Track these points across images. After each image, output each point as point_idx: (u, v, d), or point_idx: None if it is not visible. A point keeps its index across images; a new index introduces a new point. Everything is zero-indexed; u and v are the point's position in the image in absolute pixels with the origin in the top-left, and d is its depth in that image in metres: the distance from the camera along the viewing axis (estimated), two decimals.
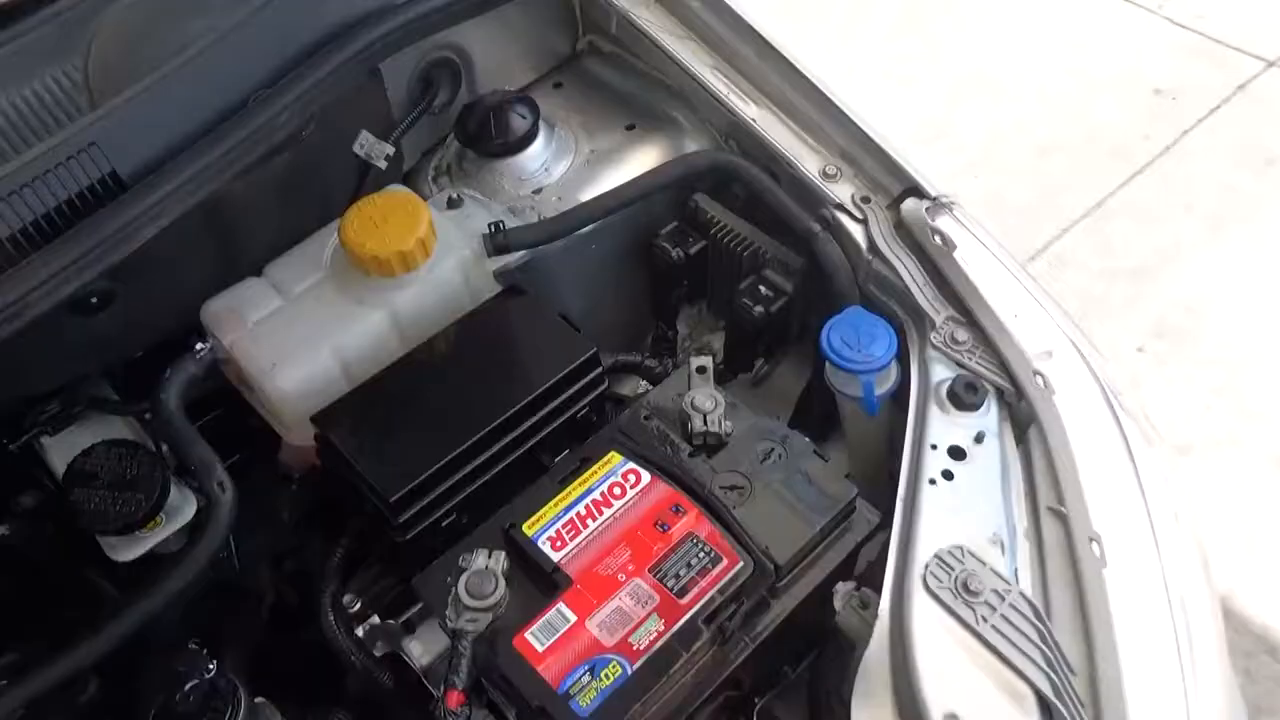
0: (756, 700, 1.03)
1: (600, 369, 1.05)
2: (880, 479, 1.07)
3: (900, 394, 1.03)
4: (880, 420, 1.05)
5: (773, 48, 1.13)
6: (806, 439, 0.98)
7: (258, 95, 0.97)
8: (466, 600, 0.87)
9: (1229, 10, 3.18)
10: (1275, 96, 2.96)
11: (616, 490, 0.95)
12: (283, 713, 0.99)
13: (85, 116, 0.90)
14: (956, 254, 1.02)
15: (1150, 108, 2.99)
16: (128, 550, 1.01)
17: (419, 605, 1.06)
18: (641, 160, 1.22)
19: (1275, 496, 2.20)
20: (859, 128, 1.09)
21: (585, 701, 0.82)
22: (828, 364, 1.02)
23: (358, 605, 1.03)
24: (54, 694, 0.89)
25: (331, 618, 0.99)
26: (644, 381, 1.20)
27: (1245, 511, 2.16)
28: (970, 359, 0.99)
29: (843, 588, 0.93)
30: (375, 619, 1.03)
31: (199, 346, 1.00)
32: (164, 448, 1.03)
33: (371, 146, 1.12)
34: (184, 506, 1.04)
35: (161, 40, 0.95)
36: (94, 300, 0.96)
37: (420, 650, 1.03)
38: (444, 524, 0.98)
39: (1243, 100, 2.97)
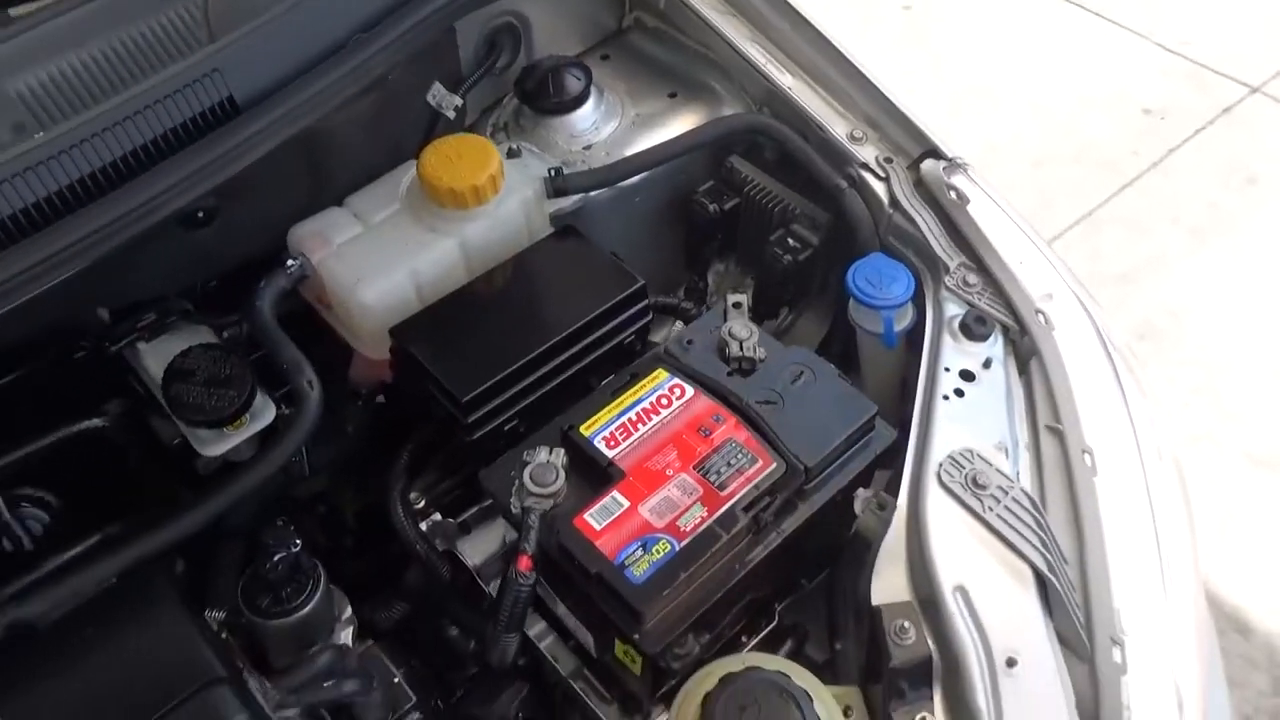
0: (777, 605, 1.14)
1: (646, 302, 1.16)
2: (893, 410, 1.18)
3: (914, 334, 1.15)
4: (896, 355, 1.17)
5: (806, 21, 1.26)
6: (831, 365, 1.10)
7: (356, 37, 1.09)
8: (530, 488, 0.98)
9: (1215, 37, 3.37)
10: (1257, 119, 3.14)
11: (663, 401, 1.06)
12: None
13: (210, 46, 1.01)
14: (969, 208, 1.15)
15: (1139, 126, 3.15)
16: (214, 445, 1.11)
17: (475, 509, 1.18)
18: (682, 124, 1.34)
19: (1247, 489, 2.34)
20: (884, 95, 1.22)
21: (638, 571, 0.93)
22: (851, 302, 1.15)
23: (421, 503, 1.14)
24: (143, 566, 0.99)
25: (400, 511, 1.10)
26: (679, 323, 1.32)
27: (1219, 503, 2.29)
28: (980, 299, 1.11)
29: (863, 493, 1.05)
30: (436, 516, 1.15)
31: (290, 263, 1.11)
32: None
33: (442, 97, 1.24)
34: (264, 412, 1.14)
35: None
36: (200, 215, 1.07)
37: (472, 550, 1.15)
38: (505, 428, 1.09)
39: (1227, 122, 3.14)
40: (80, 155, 0.95)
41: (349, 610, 1.12)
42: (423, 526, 1.12)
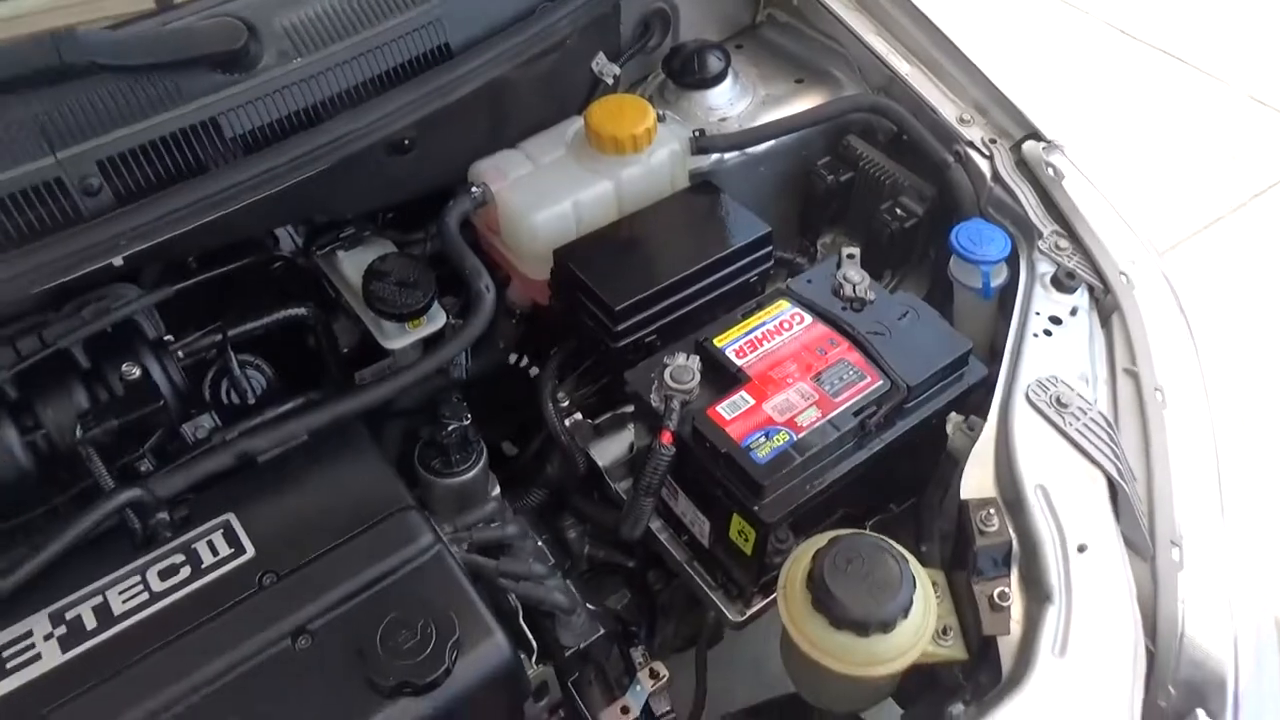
0: (867, 524, 1.29)
1: (770, 248, 1.34)
2: (983, 358, 1.33)
3: (1006, 294, 1.30)
4: (990, 310, 1.32)
5: (925, 17, 1.43)
6: (933, 310, 1.26)
7: (543, 5, 1.29)
8: (670, 384, 1.16)
9: None
10: None
11: (784, 325, 1.23)
12: None
13: (428, 10, 1.22)
14: (1064, 183, 1.30)
15: (1223, 169, 3.25)
16: (395, 339, 1.31)
17: (608, 415, 1.36)
18: (806, 105, 1.52)
19: None
20: (991, 83, 1.38)
21: (761, 454, 1.09)
22: (953, 259, 1.30)
23: (566, 402, 1.32)
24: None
25: (551, 406, 1.28)
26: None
27: None
28: (1069, 261, 1.26)
29: (954, 417, 1.20)
30: (578, 416, 1.32)
31: (474, 189, 1.31)
32: None
33: (604, 66, 1.44)
34: (437, 317, 1.34)
35: None
36: (405, 144, 1.27)
37: (601, 452, 1.33)
38: (646, 340, 1.26)
39: None
40: (325, 81, 1.17)
41: (498, 489, 1.30)
42: (567, 422, 1.30)
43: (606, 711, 1.18)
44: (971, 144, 1.37)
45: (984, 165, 1.36)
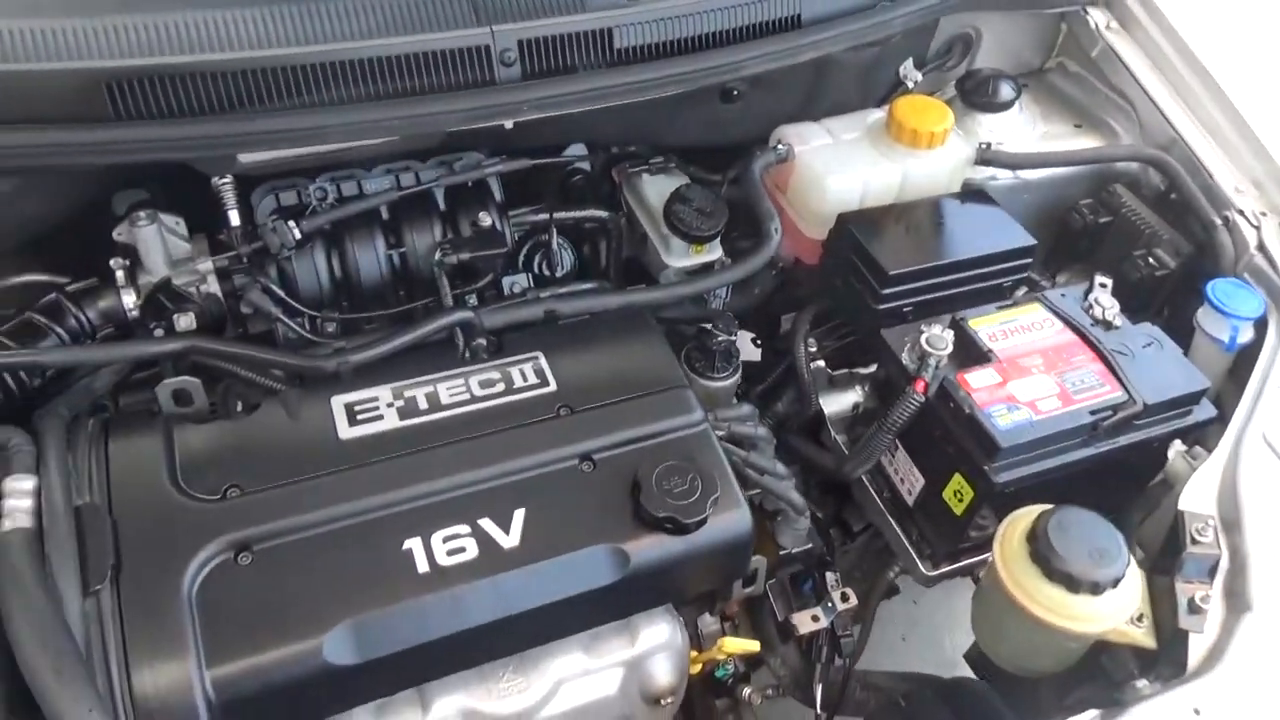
0: None
1: (1031, 259, 1.45)
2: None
3: (1245, 353, 1.38)
4: (1226, 363, 1.40)
5: (1217, 85, 1.53)
6: (1177, 346, 1.35)
7: (883, 4, 1.46)
8: (925, 348, 1.29)
9: None
10: None
11: (1035, 325, 1.35)
12: None
13: None
14: None
15: None
16: (679, 259, 1.49)
17: (844, 371, 1.50)
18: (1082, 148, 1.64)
19: None
20: (1272, 160, 1.47)
21: (1001, 422, 1.22)
22: (1204, 308, 1.39)
23: (814, 349, 1.47)
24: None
25: (801, 347, 1.43)
26: None
27: None
28: None
29: (1178, 444, 1.29)
30: (820, 363, 1.47)
31: (780, 146, 1.48)
32: None
33: (909, 71, 1.60)
34: (715, 249, 1.51)
35: None
36: (735, 93, 1.45)
37: (829, 402, 1.47)
38: (903, 310, 1.40)
39: None
40: (695, 21, 1.35)
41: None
42: (810, 366, 1.45)
43: (798, 615, 1.31)
44: (1241, 212, 1.46)
45: (1250, 234, 1.45)
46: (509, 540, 1.08)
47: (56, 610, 0.91)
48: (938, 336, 1.30)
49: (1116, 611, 1.09)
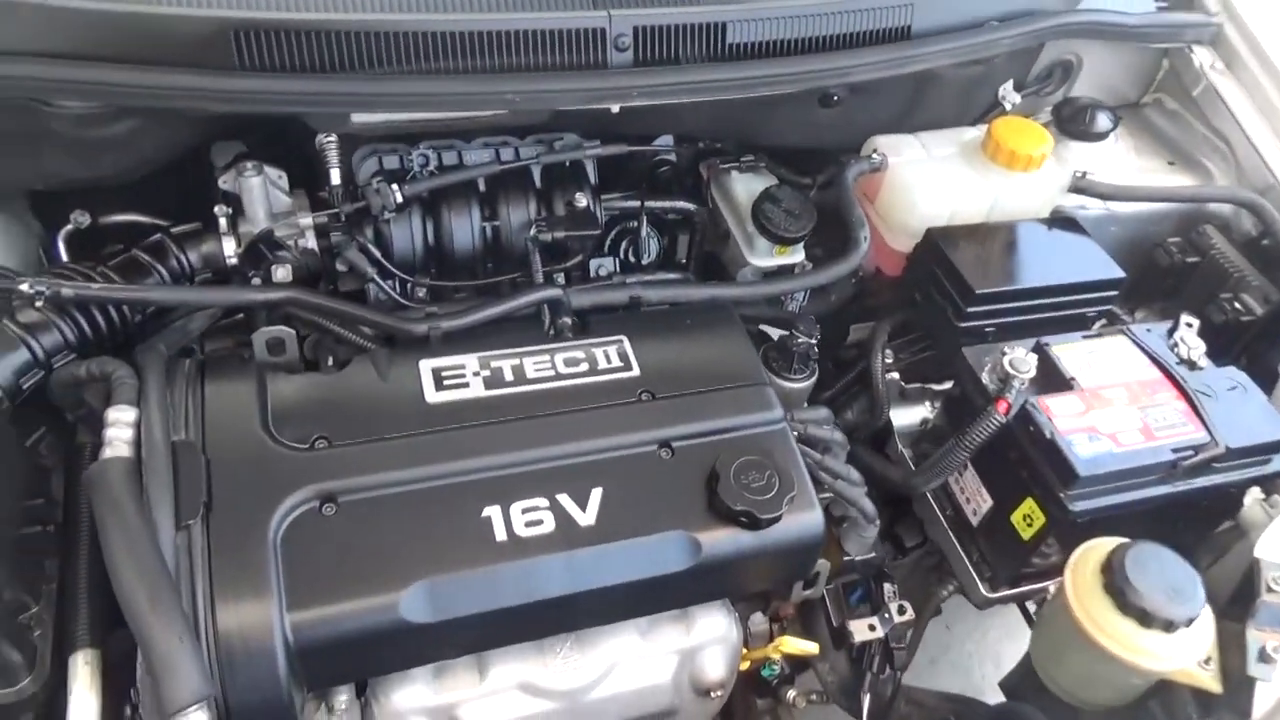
0: None
1: (1117, 292, 1.44)
2: None
3: None
4: None
5: None
6: (1260, 390, 1.33)
7: (991, 23, 1.45)
8: (1007, 369, 1.28)
9: None
10: None
11: (1118, 357, 1.34)
12: None
13: None
14: None
15: None
16: (761, 258, 1.49)
17: (916, 385, 1.50)
18: (1174, 186, 1.62)
19: None
20: None
21: (1080, 452, 1.21)
22: None
23: (890, 360, 1.46)
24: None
25: (878, 356, 1.43)
26: None
27: None
28: None
29: (1255, 491, 1.28)
30: (895, 375, 1.47)
31: (875, 155, 1.48)
32: None
33: (1008, 93, 1.59)
34: (798, 252, 1.52)
35: None
36: (835, 98, 1.46)
37: (898, 416, 1.47)
38: (984, 330, 1.39)
39: None
40: (806, 23, 1.35)
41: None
42: (885, 377, 1.45)
43: (855, 622, 1.31)
44: None
45: None
46: (585, 518, 1.09)
47: (153, 538, 0.93)
48: (1022, 359, 1.29)
49: (1187, 652, 1.08)
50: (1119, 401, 1.28)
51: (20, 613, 0.95)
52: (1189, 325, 1.41)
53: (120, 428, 1.01)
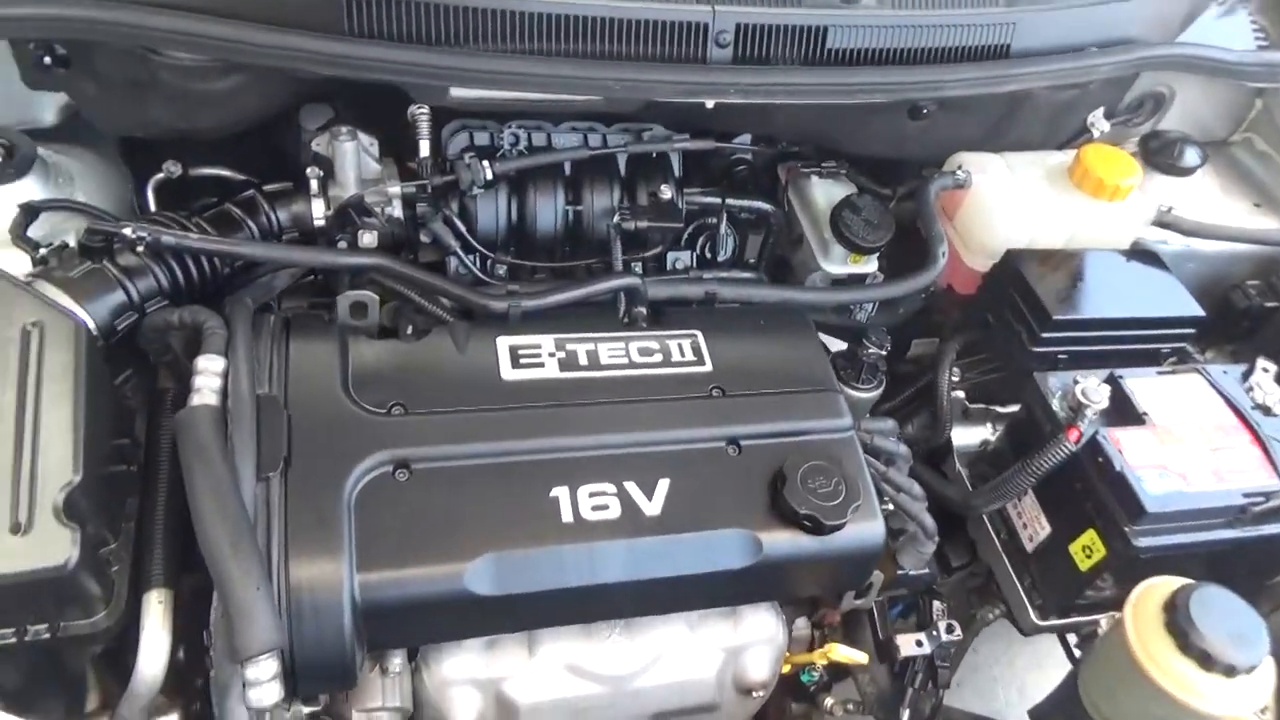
0: None
1: (1194, 330, 1.43)
2: None
3: None
4: None
5: None
6: None
7: (1091, 49, 1.44)
8: (1079, 398, 1.27)
9: None
10: None
11: (1191, 394, 1.33)
12: None
13: (1007, 7, 1.39)
14: None
15: None
16: (835, 266, 1.49)
17: (980, 405, 1.49)
18: (1259, 228, 1.60)
19: None
20: None
21: (1149, 488, 1.20)
22: None
23: (957, 378, 1.46)
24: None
25: (945, 375, 1.43)
26: None
27: None
28: None
29: None
30: (960, 394, 1.46)
31: (959, 172, 1.47)
32: None
33: (1097, 120, 1.57)
34: (872, 263, 1.51)
35: None
36: (924, 111, 1.45)
37: (959, 435, 1.46)
38: (1056, 356, 1.38)
39: None
40: (904, 34, 1.34)
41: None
42: (949, 395, 1.44)
43: (902, 637, 1.31)
44: None
45: None
46: (651, 507, 1.10)
47: (238, 487, 0.95)
48: (1095, 389, 1.28)
49: (1245, 699, 1.07)
50: (1191, 441, 1.27)
51: (101, 547, 0.97)
52: (1265, 370, 1.39)
53: (209, 376, 1.03)
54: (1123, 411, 1.29)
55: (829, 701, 1.42)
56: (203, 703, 1.16)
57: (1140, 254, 1.50)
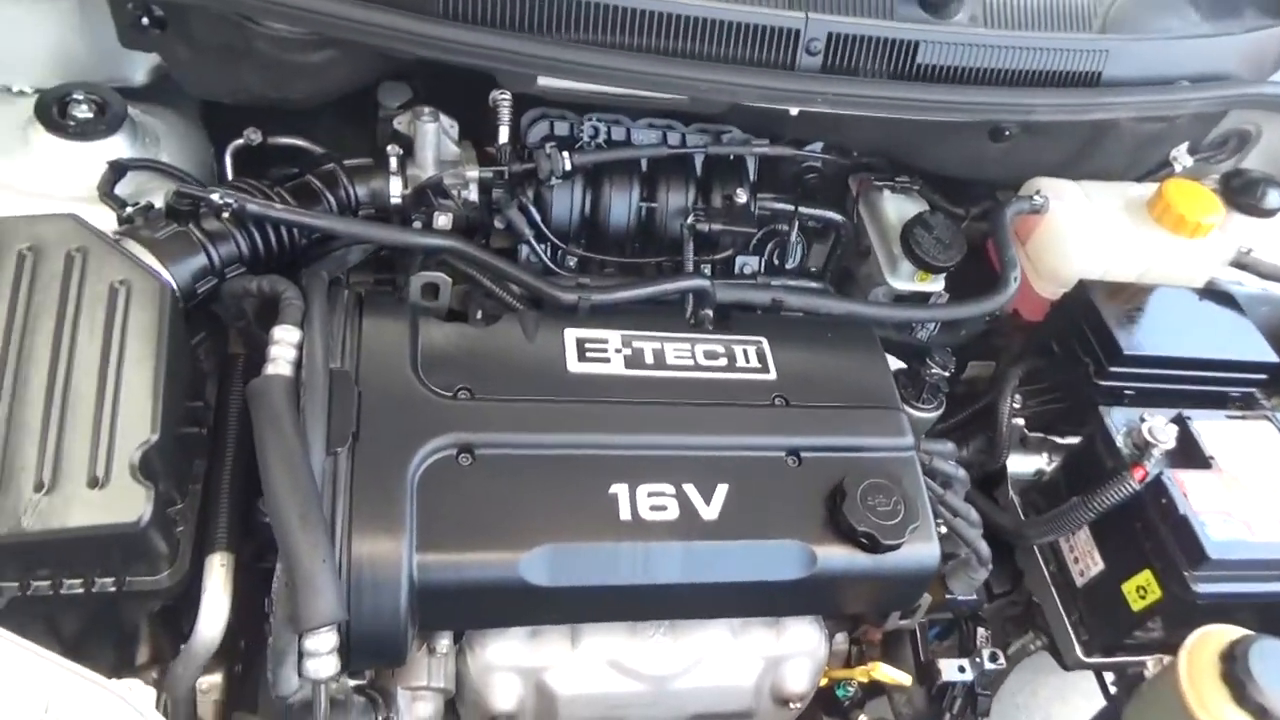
0: None
1: (1267, 376, 1.40)
2: None
3: None
4: None
5: None
6: None
7: (1183, 83, 1.41)
8: (1145, 437, 1.26)
9: None
10: None
11: (1264, 444, 1.30)
12: None
13: (1099, 35, 1.37)
14: None
15: None
16: (901, 281, 1.47)
17: (1036, 435, 1.47)
18: None
19: None
20: None
21: (1212, 534, 1.18)
22: None
23: (1019, 405, 1.44)
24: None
25: (1007, 401, 1.41)
26: None
27: None
28: None
29: None
30: (1020, 421, 1.44)
31: (1037, 198, 1.45)
32: None
33: (1181, 154, 1.54)
34: (939, 281, 1.49)
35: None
36: (1006, 133, 1.43)
37: (1015, 464, 1.44)
38: (1123, 392, 1.36)
39: None
40: (990, 54, 1.33)
41: None
42: (1011, 421, 1.43)
43: (945, 661, 1.30)
44: None
45: None
46: (709, 512, 1.10)
47: (308, 458, 0.96)
48: (1162, 428, 1.26)
49: None
50: (1257, 489, 1.24)
51: (169, 506, 0.99)
52: None
53: (284, 347, 1.04)
54: (1188, 454, 1.27)
55: (862, 718, 1.41)
56: (244, 665, 1.19)
57: (1215, 294, 1.47)
